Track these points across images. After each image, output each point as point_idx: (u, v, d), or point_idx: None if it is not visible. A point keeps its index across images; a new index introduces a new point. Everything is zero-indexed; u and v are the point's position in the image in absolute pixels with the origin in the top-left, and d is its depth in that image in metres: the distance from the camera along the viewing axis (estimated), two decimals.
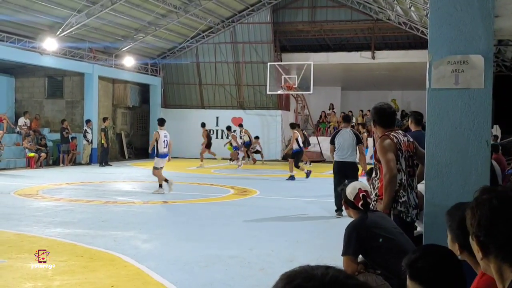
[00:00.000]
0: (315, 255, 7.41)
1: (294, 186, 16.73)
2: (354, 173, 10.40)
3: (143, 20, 23.82)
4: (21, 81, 25.83)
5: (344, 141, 10.48)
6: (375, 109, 5.39)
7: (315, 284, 1.17)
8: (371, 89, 30.14)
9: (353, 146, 10.53)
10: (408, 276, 2.16)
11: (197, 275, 6.37)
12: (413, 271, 2.14)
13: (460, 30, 4.07)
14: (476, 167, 4.04)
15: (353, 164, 10.51)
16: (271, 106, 27.77)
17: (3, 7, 18.61)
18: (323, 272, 1.20)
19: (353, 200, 4.47)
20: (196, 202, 12.74)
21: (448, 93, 4.10)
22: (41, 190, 14.23)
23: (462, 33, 4.06)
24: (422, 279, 2.11)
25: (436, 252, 2.22)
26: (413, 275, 2.14)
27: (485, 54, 4.02)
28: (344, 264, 4.25)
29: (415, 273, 2.14)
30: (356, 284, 1.19)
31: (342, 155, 10.44)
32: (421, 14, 21.65)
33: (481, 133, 4.04)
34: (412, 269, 2.15)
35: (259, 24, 27.09)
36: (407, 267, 2.17)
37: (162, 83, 29.00)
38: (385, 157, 4.98)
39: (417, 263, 2.16)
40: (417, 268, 2.14)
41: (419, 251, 2.27)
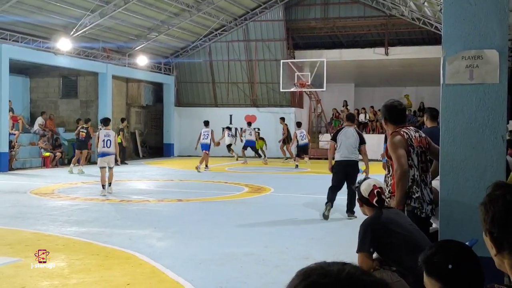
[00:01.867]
0: (330, 252, 7.40)
1: (309, 184, 16.71)
2: (355, 172, 10.14)
3: (156, 19, 23.88)
4: (36, 81, 26.02)
5: (346, 139, 10.16)
6: (385, 106, 5.37)
7: (331, 281, 1.16)
8: (384, 86, 29.97)
9: (355, 146, 10.22)
10: (425, 272, 2.15)
11: (212, 273, 6.38)
12: (430, 266, 2.13)
13: (474, 25, 4.03)
14: (491, 163, 4.01)
15: (354, 163, 10.21)
16: (285, 104, 27.74)
17: (17, 8, 18.75)
18: (339, 268, 1.19)
19: (368, 197, 4.46)
20: (210, 200, 12.77)
21: (463, 88, 4.07)
22: (57, 189, 14.34)
23: (477, 28, 4.03)
24: (438, 274, 2.10)
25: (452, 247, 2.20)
26: (430, 271, 2.12)
27: (500, 49, 3.98)
28: (359, 261, 4.24)
29: (431, 268, 2.12)
30: (372, 280, 1.18)
31: (343, 155, 10.13)
32: (435, 10, 21.51)
33: (496, 129, 4.01)
34: (428, 265, 2.14)
35: (272, 21, 27.06)
36: (423, 263, 2.16)
37: (175, 81, 29.06)
38: (395, 153, 4.97)
39: (433, 259, 2.14)
40: (434, 263, 2.13)
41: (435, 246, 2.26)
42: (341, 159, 10.14)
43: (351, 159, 10.14)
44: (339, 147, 10.19)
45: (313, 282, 1.17)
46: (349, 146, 10.15)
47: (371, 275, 1.21)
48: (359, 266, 1.24)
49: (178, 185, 16.04)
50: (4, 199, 12.44)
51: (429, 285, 2.13)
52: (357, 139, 10.28)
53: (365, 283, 1.17)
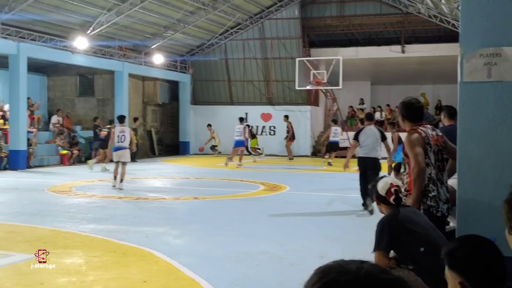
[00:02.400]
0: (346, 250, 7.38)
1: (324, 182, 16.69)
2: (374, 168, 10.43)
3: (172, 18, 23.95)
4: (53, 79, 26.24)
5: (368, 137, 10.60)
6: (403, 103, 5.36)
7: (349, 278, 1.17)
8: (401, 84, 29.80)
9: (378, 143, 10.66)
10: (447, 265, 2.14)
11: (228, 271, 6.41)
12: (452, 260, 2.12)
13: (492, 22, 3.99)
14: (509, 161, 3.96)
15: (374, 160, 10.57)
16: (300, 102, 27.69)
17: (35, 7, 18.92)
18: (358, 266, 1.19)
19: (385, 195, 4.44)
20: (226, 198, 12.79)
21: (481, 86, 4.03)
22: (74, 187, 14.46)
23: (495, 25, 3.99)
24: (460, 268, 2.09)
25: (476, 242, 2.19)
26: (452, 265, 2.11)
27: None
28: (375, 260, 4.23)
29: (453, 262, 2.11)
30: (390, 278, 1.19)
31: (365, 151, 10.59)
32: (452, 7, 21.33)
33: None
34: (450, 258, 2.13)
35: (288, 19, 27.01)
36: (446, 256, 2.15)
37: (191, 80, 29.14)
38: (413, 151, 4.95)
39: (456, 252, 2.13)
40: (456, 257, 2.12)
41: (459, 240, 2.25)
42: (362, 155, 10.64)
43: (372, 156, 10.53)
44: (361, 146, 10.66)
45: (332, 280, 1.17)
46: (371, 144, 10.60)
47: (389, 273, 1.21)
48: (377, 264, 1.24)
49: (194, 183, 16.10)
50: (23, 196, 12.57)
51: (450, 278, 2.12)
52: (379, 136, 10.70)
53: (384, 281, 1.17)
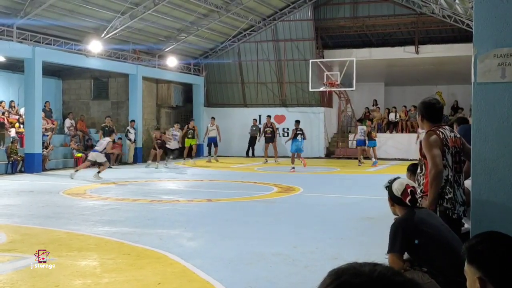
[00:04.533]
0: (359, 252, 7.35)
1: (338, 184, 16.65)
2: None
3: (185, 21, 24.04)
4: (68, 83, 26.43)
5: None
6: (423, 103, 5.32)
7: (362, 280, 1.17)
8: (415, 84, 29.65)
9: None
10: (467, 260, 2.13)
11: (241, 273, 6.41)
12: (472, 254, 2.11)
13: (506, 22, 3.96)
14: None
15: None
16: (314, 103, 27.65)
17: (50, 11, 19.08)
18: (371, 269, 1.20)
19: (401, 196, 4.40)
20: (239, 200, 12.80)
21: (495, 87, 4.00)
22: (89, 189, 14.55)
23: (509, 25, 3.95)
24: (480, 263, 2.08)
25: (498, 238, 2.18)
26: (471, 259, 2.11)
27: None
28: (389, 262, 4.20)
29: (473, 257, 2.10)
30: (404, 281, 1.18)
31: None
32: (466, 7, 21.19)
33: None
34: (471, 253, 2.12)
35: (301, 21, 26.99)
36: (466, 251, 2.15)
37: (204, 82, 29.21)
38: (430, 152, 4.91)
39: (477, 247, 2.12)
40: (476, 252, 2.11)
41: (481, 236, 2.24)
42: None
43: None
44: None
45: (345, 282, 1.18)
46: None
47: (402, 275, 1.21)
48: (391, 266, 1.24)
49: (207, 185, 16.13)
50: (38, 199, 12.67)
51: (469, 273, 2.11)
52: None
53: (397, 283, 1.17)
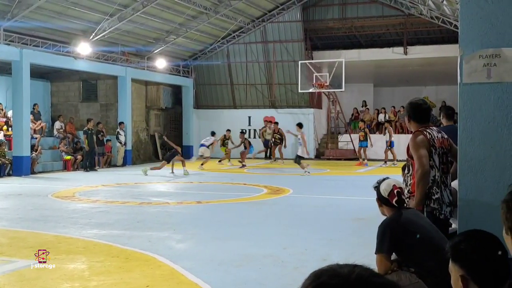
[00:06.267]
0: (349, 253, 7.37)
1: (328, 185, 16.67)
2: None
3: (174, 22, 24.01)
4: (56, 85, 26.30)
5: None
6: (410, 104, 5.35)
7: (339, 282, 1.17)
8: (404, 85, 29.80)
9: None
10: (450, 258, 2.15)
11: (231, 275, 6.40)
12: (455, 253, 2.14)
13: (491, 23, 3.99)
14: (510, 163, 3.95)
15: None
16: (303, 105, 27.69)
17: (37, 13, 18.99)
18: (350, 270, 1.20)
19: (388, 197, 4.42)
20: (229, 202, 12.79)
21: (481, 87, 4.03)
22: (78, 192, 14.48)
23: (494, 26, 3.98)
24: (463, 261, 2.10)
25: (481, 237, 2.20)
26: (455, 257, 2.13)
27: None
28: (377, 262, 4.22)
29: (456, 255, 2.13)
30: (382, 282, 1.19)
31: None
32: (454, 8, 21.32)
33: None
34: (454, 251, 2.15)
35: (290, 22, 27.04)
36: (450, 249, 2.17)
37: (194, 84, 29.19)
38: (417, 153, 4.94)
39: (460, 245, 2.15)
40: (459, 250, 2.13)
41: (464, 234, 2.26)
42: None
43: None
44: None
45: (322, 283, 1.18)
46: None
47: (381, 277, 1.21)
48: (371, 268, 1.24)
49: (197, 187, 16.11)
50: (26, 202, 12.59)
51: (453, 271, 2.14)
52: None
53: (374, 284, 1.17)
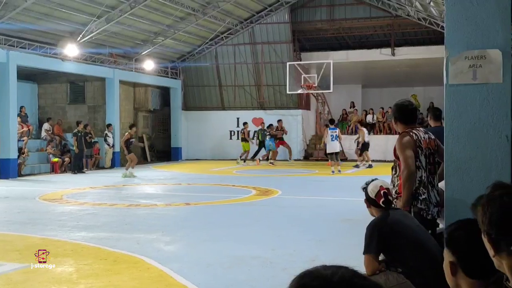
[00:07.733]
0: (338, 254, 7.39)
1: (316, 186, 16.70)
2: None
3: (162, 24, 23.95)
4: (43, 87, 26.12)
5: None
6: (396, 105, 5.38)
7: (320, 283, 1.18)
8: (392, 86, 29.93)
9: None
10: (445, 243, 2.20)
11: (220, 276, 6.40)
12: (449, 239, 2.19)
13: (477, 25, 4.02)
14: (496, 163, 3.99)
15: None
16: (292, 106, 27.72)
17: (24, 15, 18.86)
18: (333, 271, 1.20)
19: (375, 198, 4.44)
20: (218, 204, 12.78)
21: (466, 88, 4.06)
22: (65, 194, 14.40)
23: (479, 28, 4.02)
24: (454, 248, 2.14)
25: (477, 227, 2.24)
26: (448, 243, 2.19)
27: (503, 48, 3.97)
28: (365, 263, 4.23)
29: (450, 241, 2.18)
30: (364, 284, 1.19)
31: None
32: (441, 9, 21.44)
33: (500, 128, 3.99)
34: (448, 237, 2.20)
35: (278, 24, 27.06)
36: (446, 234, 2.23)
37: (182, 85, 29.11)
38: (403, 154, 4.97)
39: (454, 233, 2.20)
40: (453, 237, 2.18)
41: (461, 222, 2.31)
42: None
43: None
44: None
45: (304, 285, 1.19)
46: None
47: (365, 278, 1.21)
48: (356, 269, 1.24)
49: (186, 189, 16.09)
50: (13, 205, 12.50)
51: (446, 256, 2.20)
52: None
53: (356, 286, 1.18)
